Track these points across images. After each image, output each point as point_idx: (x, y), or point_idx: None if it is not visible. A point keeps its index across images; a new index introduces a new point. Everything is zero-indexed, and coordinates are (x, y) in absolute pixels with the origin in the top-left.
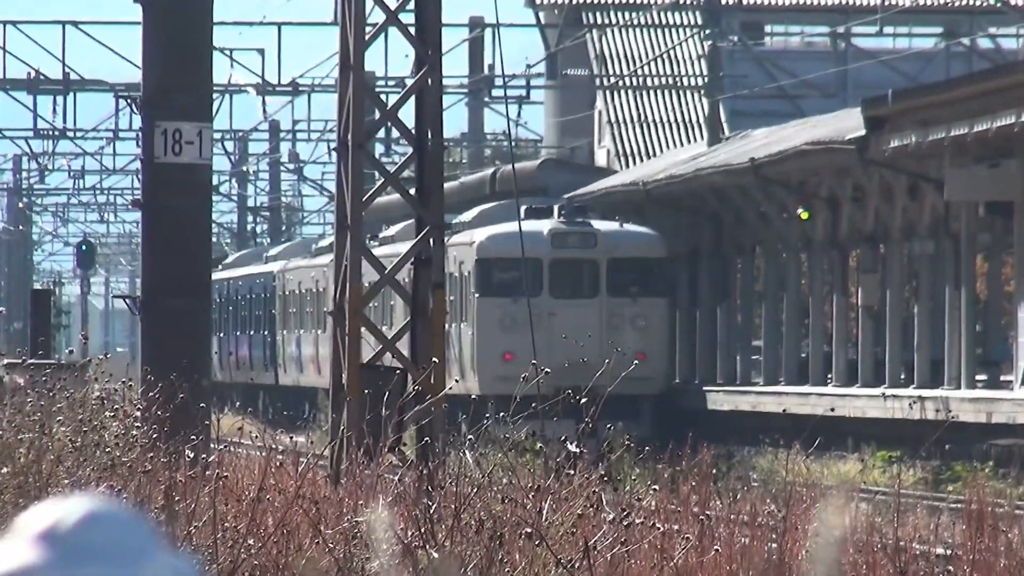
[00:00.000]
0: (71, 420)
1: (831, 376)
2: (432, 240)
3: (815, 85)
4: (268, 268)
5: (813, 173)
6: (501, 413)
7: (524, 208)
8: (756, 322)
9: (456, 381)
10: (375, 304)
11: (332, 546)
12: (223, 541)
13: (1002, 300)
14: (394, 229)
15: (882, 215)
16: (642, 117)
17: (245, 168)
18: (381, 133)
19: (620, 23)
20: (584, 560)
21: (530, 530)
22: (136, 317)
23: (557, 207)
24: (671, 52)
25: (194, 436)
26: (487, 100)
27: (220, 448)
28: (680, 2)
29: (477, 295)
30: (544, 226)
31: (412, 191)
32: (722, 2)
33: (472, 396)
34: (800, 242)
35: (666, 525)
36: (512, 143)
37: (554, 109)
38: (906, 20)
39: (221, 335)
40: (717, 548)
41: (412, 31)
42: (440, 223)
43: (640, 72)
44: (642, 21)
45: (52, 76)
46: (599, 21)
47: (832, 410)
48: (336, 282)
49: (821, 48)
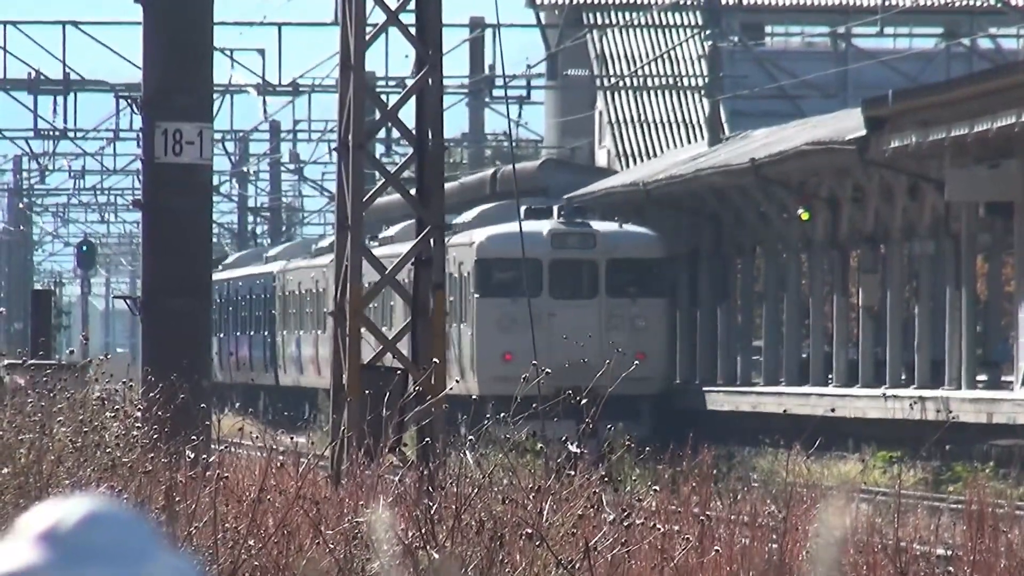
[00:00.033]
0: (72, 421)
1: (831, 376)
2: (432, 240)
3: (815, 85)
4: (268, 268)
5: (813, 173)
6: (502, 414)
7: (523, 209)
8: (756, 322)
9: (456, 382)
10: (375, 305)
11: (333, 547)
12: (223, 542)
13: (1002, 300)
14: (394, 229)
15: (882, 215)
16: (642, 117)
17: (245, 168)
18: (382, 133)
19: (620, 23)
20: (584, 561)
21: (531, 531)
22: (136, 317)
23: (556, 208)
24: (671, 52)
25: (195, 437)
26: (488, 100)
27: (221, 449)
28: (680, 2)
29: (476, 296)
30: (543, 227)
31: (412, 191)
32: (722, 2)
33: (472, 397)
34: (800, 242)
35: (666, 526)
36: (513, 143)
37: (554, 109)
38: (906, 20)
39: (221, 336)
40: (717, 549)
41: (412, 31)
42: (441, 223)
43: (640, 72)
44: (642, 21)
45: (52, 76)
46: (599, 21)
47: (832, 410)
48: (336, 282)
49: (821, 48)
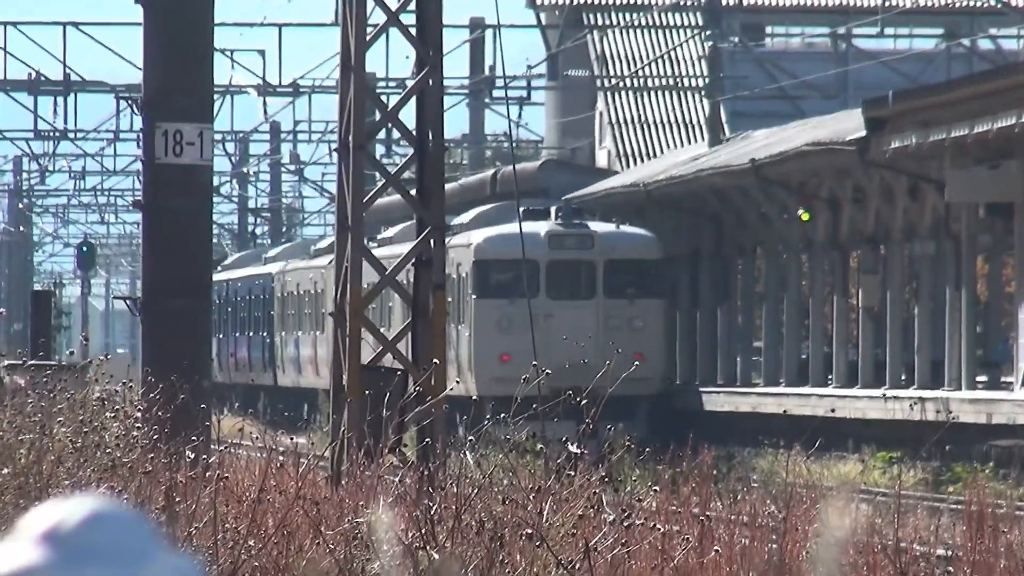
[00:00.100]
0: (72, 421)
1: (831, 377)
2: (433, 241)
3: (816, 86)
4: (267, 269)
5: (814, 174)
6: (502, 415)
7: (521, 210)
8: (756, 323)
9: (456, 382)
10: (373, 306)
11: (333, 547)
12: (224, 542)
13: (1002, 301)
14: (393, 230)
15: (883, 216)
16: (643, 118)
17: (246, 169)
18: (382, 134)
19: (621, 24)
20: (585, 561)
21: (531, 531)
22: (136, 318)
23: (554, 209)
24: (672, 53)
25: (195, 437)
26: (488, 101)
27: (221, 449)
28: (681, 3)
29: (474, 297)
30: (541, 228)
31: (413, 192)
32: (723, 3)
33: (472, 398)
34: (801, 243)
35: (666, 526)
36: (513, 144)
37: (555, 110)
38: (907, 21)
39: (220, 336)
40: (717, 549)
41: (413, 32)
42: (441, 224)
43: (641, 73)
44: (643, 22)
45: (53, 77)
46: (600, 22)
47: (832, 411)
48: (337, 283)
49: (822, 49)
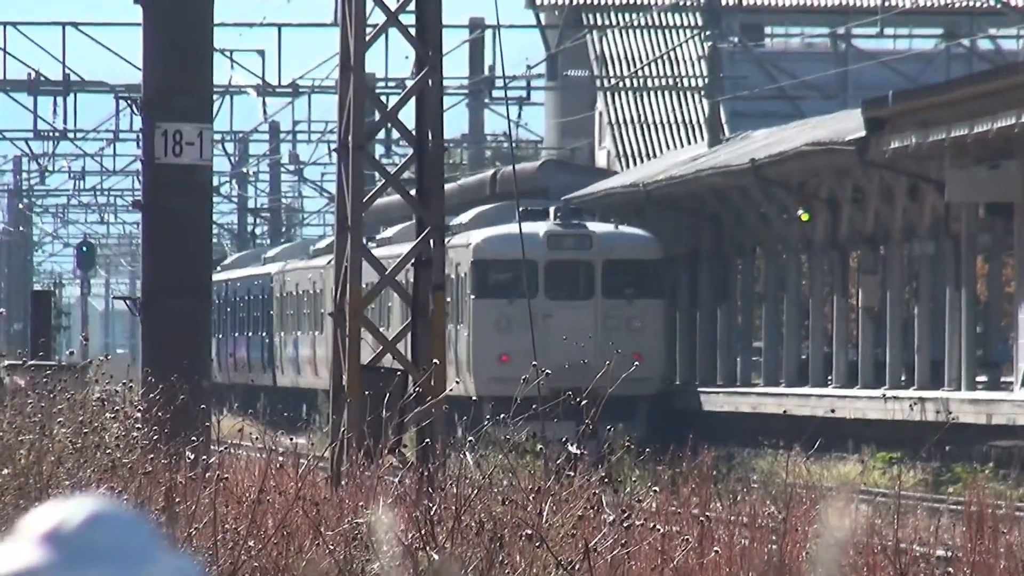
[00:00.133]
0: (72, 421)
1: (831, 377)
2: (432, 241)
3: (815, 86)
4: (266, 270)
5: (813, 174)
6: (502, 415)
7: (520, 210)
8: (756, 323)
9: (456, 383)
10: (372, 306)
11: (333, 548)
12: (223, 543)
13: (1002, 301)
14: (392, 231)
15: (882, 216)
16: (642, 118)
17: (245, 169)
18: (381, 134)
19: (620, 24)
20: (584, 562)
21: (530, 532)
22: (136, 318)
23: (552, 209)
24: (671, 53)
25: (194, 438)
26: (487, 101)
27: (220, 450)
28: (680, 3)
29: (473, 297)
30: (540, 228)
31: (412, 192)
32: (723, 3)
33: (472, 398)
34: (800, 243)
35: (666, 527)
36: (512, 144)
37: (554, 110)
38: (906, 21)
39: (220, 336)
40: (717, 550)
41: (412, 32)
42: (441, 224)
43: (640, 73)
44: (642, 22)
45: (52, 77)
46: (599, 22)
47: (832, 411)
48: (336, 283)
49: (821, 49)
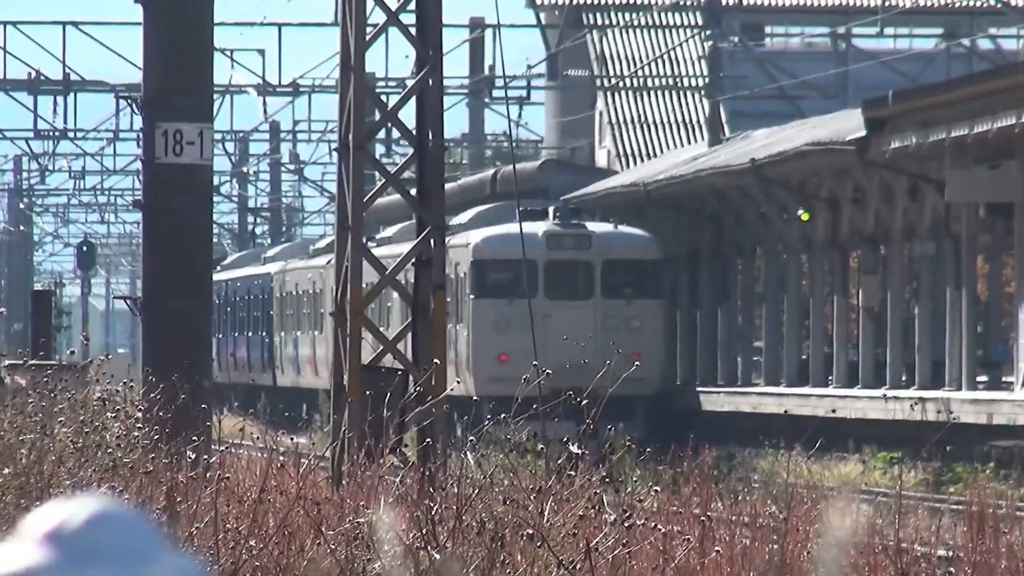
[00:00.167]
0: (72, 421)
1: (832, 377)
2: (433, 241)
3: (815, 86)
4: (266, 269)
5: (813, 174)
6: (503, 415)
7: (519, 210)
8: (756, 323)
9: (457, 382)
10: (372, 306)
11: (334, 547)
12: (225, 542)
13: (1003, 301)
14: (391, 230)
15: (882, 216)
16: (643, 118)
17: (246, 169)
18: (382, 134)
19: (621, 24)
20: (586, 561)
21: (532, 531)
22: (137, 318)
23: (552, 209)
24: (672, 53)
25: (195, 437)
26: (488, 101)
27: (221, 449)
28: (681, 3)
29: (472, 297)
30: (539, 228)
31: (413, 192)
32: (723, 3)
33: (473, 398)
34: (800, 243)
35: (667, 526)
36: (513, 144)
37: (555, 110)
38: (906, 21)
39: (220, 336)
40: (718, 549)
41: (413, 31)
42: (441, 224)
43: (641, 73)
44: (643, 22)
45: (52, 77)
46: (600, 22)
47: (833, 411)
48: (337, 283)
49: (821, 49)
